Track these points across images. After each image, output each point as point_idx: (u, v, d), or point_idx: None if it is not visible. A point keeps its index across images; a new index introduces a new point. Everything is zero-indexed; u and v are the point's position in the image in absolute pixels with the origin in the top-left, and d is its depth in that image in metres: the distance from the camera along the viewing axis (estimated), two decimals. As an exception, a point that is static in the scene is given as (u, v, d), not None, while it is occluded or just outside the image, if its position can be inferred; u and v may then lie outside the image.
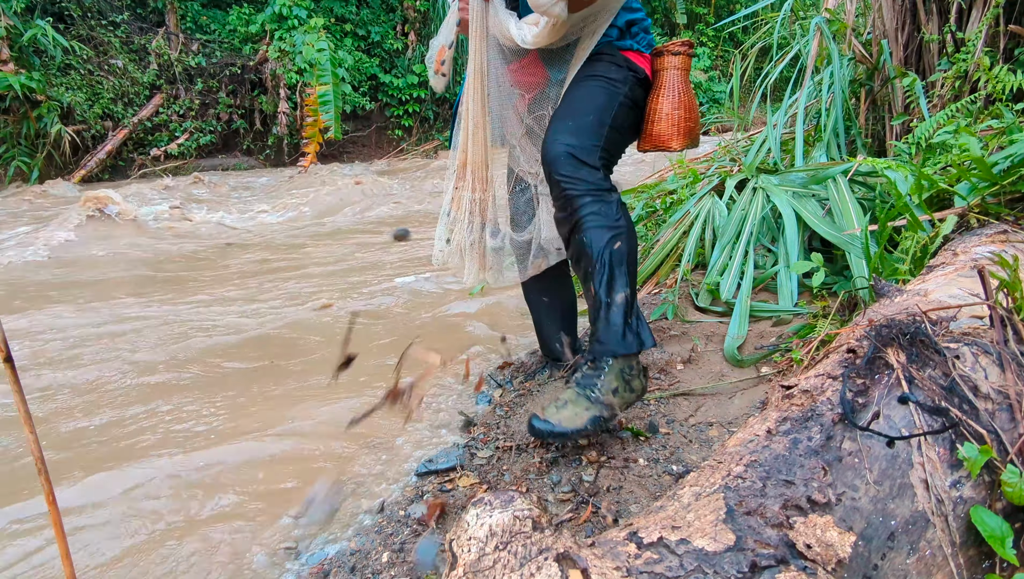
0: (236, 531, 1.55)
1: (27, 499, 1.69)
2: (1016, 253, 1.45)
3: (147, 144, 8.26)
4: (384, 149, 10.47)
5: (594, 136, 1.67)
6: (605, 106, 1.74)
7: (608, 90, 1.76)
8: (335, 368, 1.86)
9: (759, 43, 5.49)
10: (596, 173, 1.62)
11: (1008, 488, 0.92)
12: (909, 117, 3.17)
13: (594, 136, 1.67)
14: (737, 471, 0.94)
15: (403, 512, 1.54)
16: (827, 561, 0.84)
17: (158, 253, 4.61)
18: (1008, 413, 1.00)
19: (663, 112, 1.83)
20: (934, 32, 3.14)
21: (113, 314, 3.17)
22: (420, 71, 10.61)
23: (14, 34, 6.98)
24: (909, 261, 1.89)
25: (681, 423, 1.80)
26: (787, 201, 2.62)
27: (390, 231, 4.85)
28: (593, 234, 1.56)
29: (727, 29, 13.19)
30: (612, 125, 1.73)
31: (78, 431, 2.03)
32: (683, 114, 1.83)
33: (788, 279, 2.41)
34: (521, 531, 0.83)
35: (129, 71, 8.24)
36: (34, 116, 7.08)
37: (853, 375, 1.03)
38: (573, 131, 1.66)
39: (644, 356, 2.21)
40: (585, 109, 1.72)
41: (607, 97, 1.75)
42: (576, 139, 1.64)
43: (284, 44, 8.66)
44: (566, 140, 1.63)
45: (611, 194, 1.63)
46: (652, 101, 1.85)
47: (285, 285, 3.72)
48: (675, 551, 0.83)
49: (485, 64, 1.84)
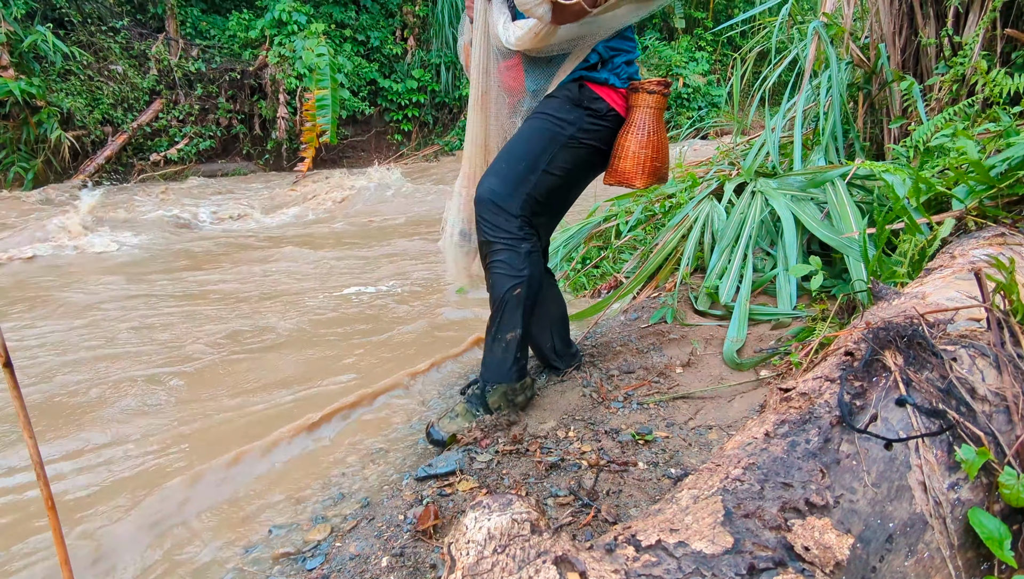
0: (233, 538, 1.55)
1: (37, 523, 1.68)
2: (1013, 256, 1.46)
3: (147, 149, 8.27)
4: (384, 154, 10.48)
5: (521, 183, 1.78)
6: (542, 150, 1.80)
7: (552, 132, 1.81)
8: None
9: (757, 47, 5.51)
10: (513, 221, 1.77)
11: (1006, 490, 0.92)
12: (907, 121, 3.18)
13: (521, 183, 1.78)
14: (735, 474, 0.95)
15: (403, 517, 1.54)
16: (825, 563, 0.84)
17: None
18: (1005, 415, 1.00)
19: (630, 150, 1.85)
20: (931, 36, 3.16)
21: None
22: (419, 76, 10.63)
23: (14, 40, 6.99)
24: (907, 264, 1.89)
25: (680, 426, 1.80)
26: (786, 204, 2.62)
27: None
28: (497, 279, 1.80)
29: (725, 33, 13.23)
30: (547, 169, 1.80)
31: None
32: (650, 153, 1.84)
33: (787, 282, 2.41)
34: (519, 534, 0.83)
35: (129, 76, 8.26)
36: (34, 122, 7.09)
37: (851, 378, 1.04)
38: (503, 175, 1.78)
39: (643, 358, 2.21)
40: (520, 153, 1.80)
41: (547, 140, 1.80)
42: (502, 185, 1.77)
43: (284, 49, 8.68)
44: (493, 184, 1.78)
45: (522, 244, 1.78)
46: (621, 137, 1.87)
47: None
48: (673, 554, 0.83)
49: (486, 62, 1.86)
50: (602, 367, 2.21)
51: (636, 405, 1.93)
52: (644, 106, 1.84)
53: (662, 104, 1.85)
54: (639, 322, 2.58)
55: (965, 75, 2.90)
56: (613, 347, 2.37)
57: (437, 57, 10.93)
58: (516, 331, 1.82)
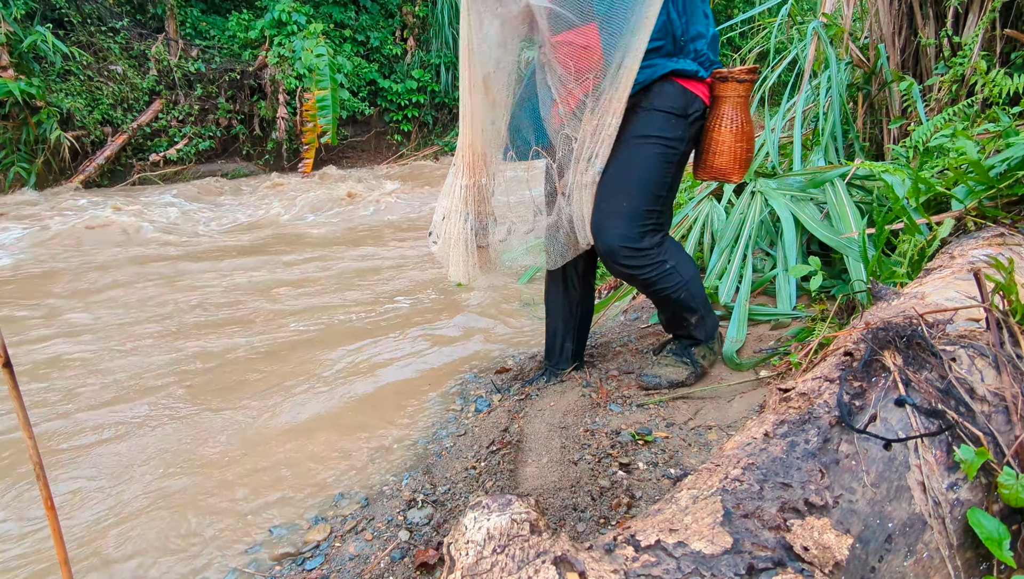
0: (232, 538, 1.55)
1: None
2: (1012, 256, 1.46)
3: (146, 149, 8.26)
4: (383, 154, 10.48)
5: (647, 217, 1.75)
6: (661, 177, 1.76)
7: (666, 156, 1.75)
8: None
9: (757, 48, 5.51)
10: (649, 253, 1.78)
11: (1005, 490, 0.92)
12: (906, 121, 3.18)
13: (647, 217, 1.75)
14: (735, 474, 0.95)
15: (402, 517, 1.54)
16: (824, 563, 0.84)
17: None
18: (1004, 415, 1.00)
19: (725, 145, 1.76)
20: (931, 36, 3.16)
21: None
22: (419, 76, 10.63)
23: (14, 40, 6.99)
24: (906, 264, 1.89)
25: (680, 426, 1.80)
26: (785, 205, 2.62)
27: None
28: (664, 295, 1.87)
29: (725, 34, 13.22)
30: (668, 191, 1.80)
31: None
32: (744, 145, 1.76)
33: (786, 282, 2.41)
34: (519, 534, 0.83)
35: (129, 77, 8.26)
36: (34, 122, 7.09)
37: (850, 378, 1.04)
38: (626, 216, 1.73)
39: (643, 358, 2.21)
40: (640, 185, 1.73)
41: (663, 166, 1.75)
42: (628, 227, 1.73)
43: (283, 50, 8.67)
44: (620, 230, 1.73)
45: (665, 264, 1.81)
46: (713, 131, 1.78)
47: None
48: (672, 554, 0.83)
49: (473, 42, 1.71)
50: (602, 367, 2.21)
51: (636, 405, 1.93)
52: (734, 96, 1.74)
53: (743, 91, 1.75)
54: (639, 322, 2.58)
55: (964, 75, 2.90)
56: (613, 347, 2.37)
57: (437, 57, 10.93)
58: (698, 313, 1.95)
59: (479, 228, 1.88)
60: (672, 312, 1.98)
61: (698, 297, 1.93)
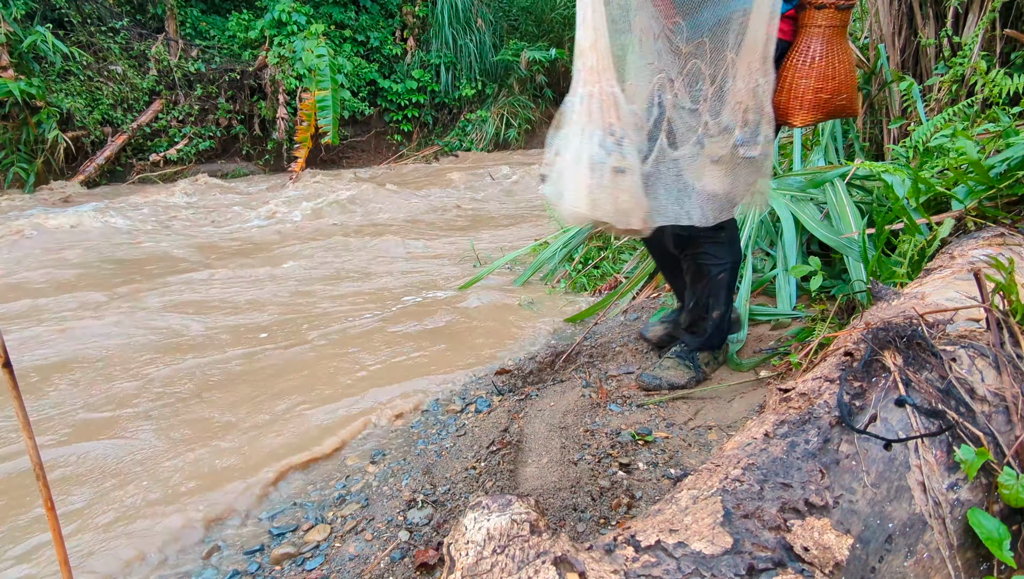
0: (230, 538, 1.55)
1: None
2: (1012, 256, 1.46)
3: (146, 150, 8.26)
4: (383, 154, 10.47)
5: None
6: None
7: None
8: None
9: (757, 48, 5.48)
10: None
11: (1005, 490, 0.92)
12: (906, 121, 3.18)
13: None
14: (735, 474, 0.95)
15: (402, 518, 1.54)
16: (824, 564, 0.84)
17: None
18: (1004, 415, 1.00)
19: (786, 81, 1.58)
20: (931, 36, 3.16)
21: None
22: (419, 76, 10.63)
23: (14, 40, 6.99)
24: (906, 264, 1.89)
25: (680, 427, 1.80)
26: (785, 205, 2.62)
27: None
28: (702, 267, 1.88)
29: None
30: None
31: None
32: (812, 84, 1.55)
33: (786, 283, 2.41)
34: (519, 535, 0.83)
35: (129, 77, 8.26)
36: (33, 122, 7.09)
37: (850, 378, 1.04)
38: None
39: (643, 358, 2.21)
40: None
41: None
42: None
43: (283, 50, 8.67)
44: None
45: (721, 233, 1.82)
46: (781, 67, 1.59)
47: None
48: (672, 554, 0.83)
49: None
50: (602, 367, 2.21)
51: (636, 405, 1.93)
52: (811, 26, 1.55)
53: (836, 21, 1.54)
54: (639, 322, 2.58)
55: (964, 75, 2.90)
56: (613, 347, 2.37)
57: (437, 58, 10.93)
58: (721, 309, 1.96)
59: (611, 145, 1.48)
60: (698, 299, 1.94)
61: (730, 289, 1.94)
